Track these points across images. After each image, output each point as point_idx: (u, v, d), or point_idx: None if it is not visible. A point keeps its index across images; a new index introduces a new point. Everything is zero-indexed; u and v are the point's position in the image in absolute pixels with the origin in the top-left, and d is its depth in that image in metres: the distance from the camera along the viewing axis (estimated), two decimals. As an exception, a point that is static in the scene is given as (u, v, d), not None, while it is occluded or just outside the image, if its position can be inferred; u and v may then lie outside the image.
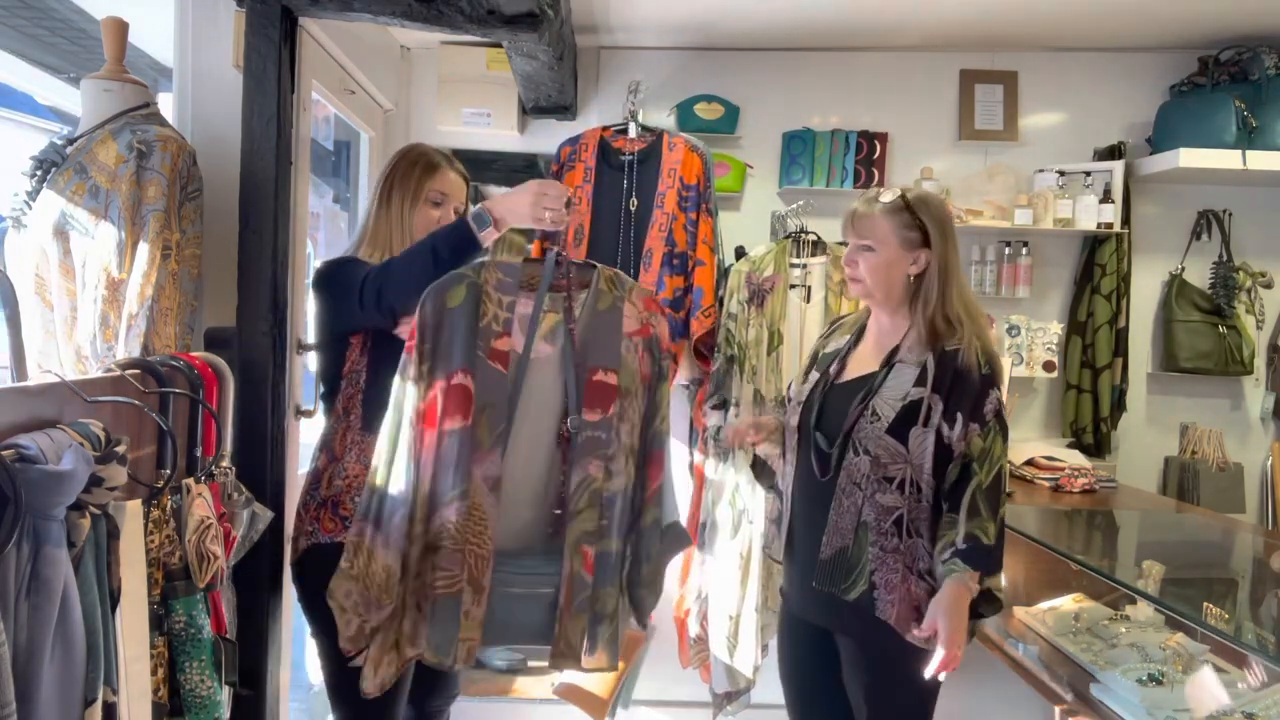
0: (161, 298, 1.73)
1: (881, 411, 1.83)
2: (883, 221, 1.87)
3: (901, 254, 1.86)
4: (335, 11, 2.09)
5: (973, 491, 1.74)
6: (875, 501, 1.82)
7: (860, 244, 1.89)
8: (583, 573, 1.74)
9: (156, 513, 1.46)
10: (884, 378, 1.87)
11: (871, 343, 1.97)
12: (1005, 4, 3.11)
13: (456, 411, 1.69)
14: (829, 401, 1.93)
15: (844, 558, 1.83)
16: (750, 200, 3.65)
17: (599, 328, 1.80)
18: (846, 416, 1.86)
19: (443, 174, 2.04)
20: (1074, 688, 2.08)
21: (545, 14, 2.29)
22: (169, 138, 1.79)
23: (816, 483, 1.89)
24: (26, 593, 1.07)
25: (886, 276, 1.88)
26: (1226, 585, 2.20)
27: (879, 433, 1.82)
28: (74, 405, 1.29)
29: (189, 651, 1.50)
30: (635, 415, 1.82)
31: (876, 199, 1.90)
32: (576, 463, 1.75)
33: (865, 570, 1.81)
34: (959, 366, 1.81)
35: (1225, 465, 3.51)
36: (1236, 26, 3.30)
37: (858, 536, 1.82)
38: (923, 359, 1.84)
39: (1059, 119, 3.66)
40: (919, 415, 1.80)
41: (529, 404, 1.77)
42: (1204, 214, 3.60)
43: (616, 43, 3.57)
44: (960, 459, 1.78)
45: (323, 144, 3.56)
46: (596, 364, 1.78)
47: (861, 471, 1.83)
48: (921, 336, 1.85)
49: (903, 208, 1.87)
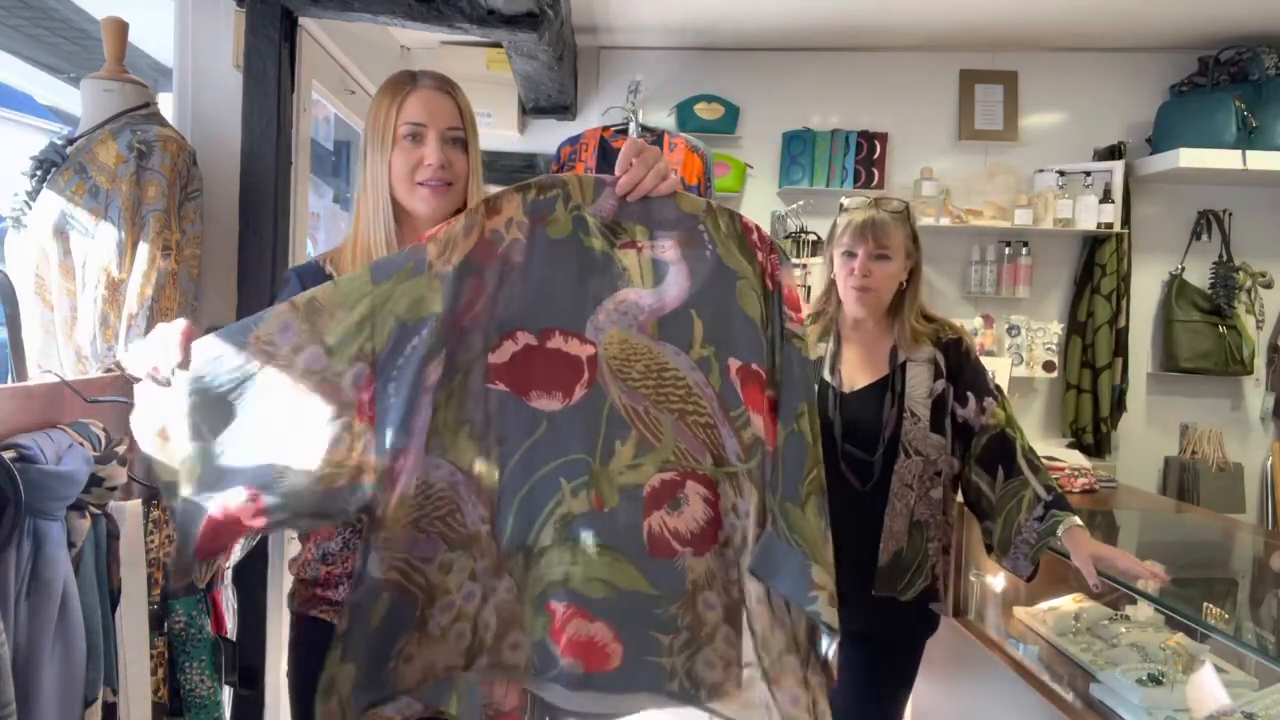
0: (161, 298, 1.73)
1: (918, 411, 1.87)
2: (896, 231, 1.88)
3: (905, 263, 1.91)
4: (335, 11, 2.09)
5: (1022, 451, 1.83)
6: (929, 499, 1.87)
7: (878, 253, 1.87)
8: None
9: (156, 513, 1.46)
10: (901, 379, 1.89)
11: (861, 349, 1.96)
12: (1005, 4, 3.11)
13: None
14: (846, 412, 1.90)
15: (899, 560, 1.85)
16: (750, 200, 3.66)
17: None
18: (882, 423, 1.86)
19: (413, 97, 1.43)
20: (1074, 688, 2.09)
21: (545, 14, 2.29)
22: (169, 138, 1.79)
23: (855, 493, 1.86)
24: (26, 593, 1.07)
25: (893, 285, 1.91)
26: (1226, 585, 2.20)
27: (925, 432, 1.86)
28: (74, 405, 1.29)
29: (189, 651, 1.50)
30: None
31: (888, 208, 1.90)
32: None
33: (925, 567, 1.86)
34: (961, 352, 1.91)
35: (1225, 465, 3.51)
36: (1236, 26, 3.30)
37: (911, 537, 1.85)
38: (930, 354, 1.90)
39: (1059, 119, 3.66)
40: (945, 406, 1.88)
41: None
42: (1204, 214, 3.60)
43: (616, 43, 3.57)
44: (990, 430, 1.85)
45: (323, 144, 3.55)
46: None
47: (913, 473, 1.86)
48: (912, 336, 1.91)
49: (907, 217, 1.91)
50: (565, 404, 1.24)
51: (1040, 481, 1.79)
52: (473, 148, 1.46)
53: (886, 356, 1.92)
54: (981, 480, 1.85)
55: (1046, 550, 1.76)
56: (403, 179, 1.41)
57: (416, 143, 1.41)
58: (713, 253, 1.28)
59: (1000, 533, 1.82)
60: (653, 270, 1.28)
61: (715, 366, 1.27)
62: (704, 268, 1.28)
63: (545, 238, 1.26)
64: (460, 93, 1.47)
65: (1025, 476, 1.80)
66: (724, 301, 1.28)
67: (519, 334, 1.25)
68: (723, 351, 1.27)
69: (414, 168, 1.41)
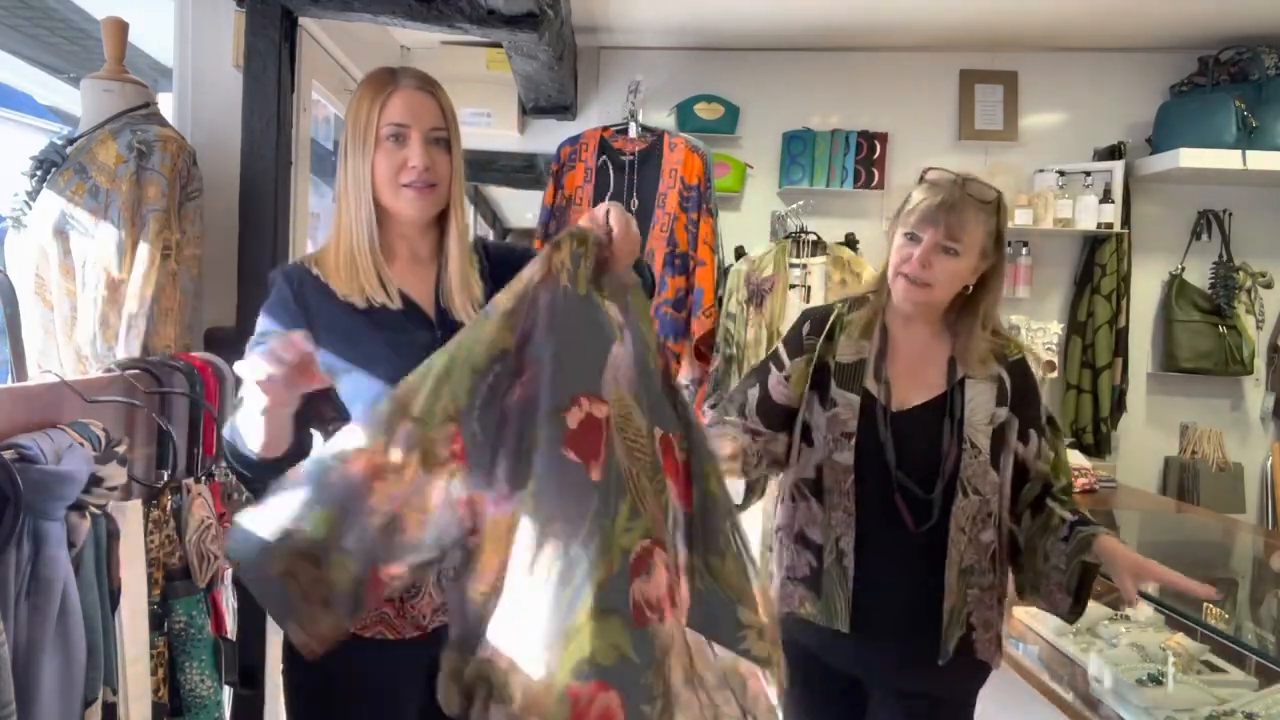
0: (161, 298, 1.73)
1: (978, 442, 1.56)
2: (976, 223, 1.54)
3: (977, 263, 1.57)
4: (335, 11, 2.09)
5: (1058, 491, 1.60)
6: (978, 542, 1.57)
7: (946, 244, 1.53)
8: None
9: (156, 513, 1.46)
10: (960, 400, 1.58)
11: (910, 357, 1.64)
12: (1005, 4, 3.11)
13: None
14: (899, 436, 1.58)
15: (953, 619, 1.56)
16: (750, 200, 3.66)
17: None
18: (942, 454, 1.56)
19: (395, 97, 1.39)
20: (1074, 688, 2.09)
21: (545, 14, 2.29)
22: (169, 138, 1.79)
23: (906, 535, 1.56)
24: (26, 593, 1.07)
25: (954, 287, 1.58)
26: (1226, 585, 2.20)
27: (985, 467, 1.55)
28: (74, 405, 1.29)
29: (189, 651, 1.50)
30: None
31: (975, 192, 1.55)
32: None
33: (962, 619, 1.58)
34: (1028, 378, 1.62)
35: (1225, 465, 3.51)
36: (1236, 26, 3.30)
37: (959, 587, 1.56)
38: (995, 373, 1.59)
39: (1059, 119, 3.66)
40: (1005, 440, 1.58)
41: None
42: (1204, 214, 3.60)
43: (616, 43, 3.57)
44: (1041, 477, 1.60)
45: (323, 144, 3.55)
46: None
47: (968, 514, 1.56)
48: (979, 350, 1.60)
49: (995, 211, 1.56)
50: (604, 475, 1.18)
51: (1066, 508, 1.56)
52: (455, 147, 1.44)
53: (943, 370, 1.61)
54: (1015, 525, 1.60)
55: (1082, 570, 1.48)
56: (387, 181, 1.38)
57: (400, 144, 1.38)
58: (635, 321, 1.29)
59: (1028, 567, 1.58)
60: (618, 331, 1.27)
61: (653, 433, 1.26)
62: (633, 335, 1.28)
63: (574, 292, 1.24)
64: (442, 91, 1.44)
65: (1050, 507, 1.56)
66: (649, 369, 1.28)
67: (583, 399, 1.19)
68: (653, 420, 1.26)
69: (398, 170, 1.38)
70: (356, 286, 1.39)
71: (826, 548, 1.60)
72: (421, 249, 1.47)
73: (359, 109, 1.40)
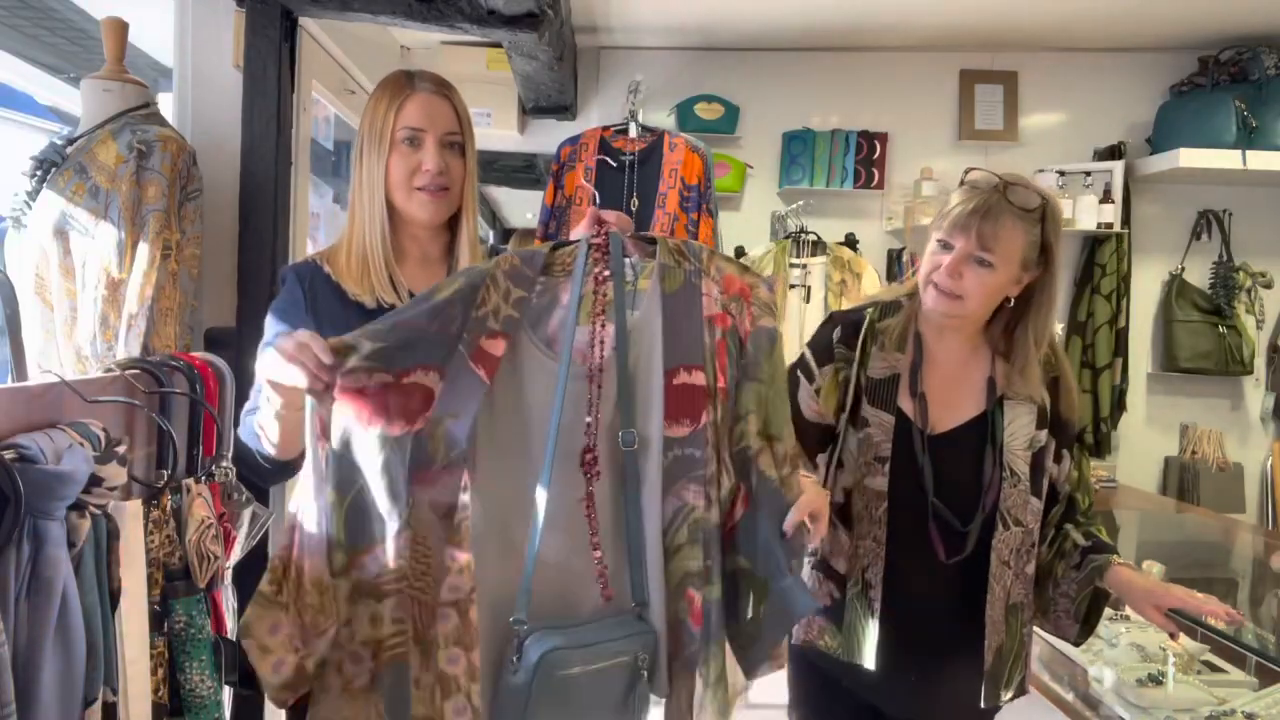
0: (161, 298, 1.73)
1: (1017, 469, 1.46)
2: (1016, 233, 1.39)
3: (1018, 275, 1.44)
4: (335, 11, 2.09)
5: (1081, 513, 1.54)
6: (1024, 575, 1.47)
7: (979, 255, 1.40)
8: (689, 622, 1.26)
9: (157, 513, 1.46)
10: (1000, 424, 1.47)
11: (946, 372, 1.51)
12: (1005, 4, 3.12)
13: (400, 415, 1.18)
14: (937, 461, 1.46)
15: (1001, 657, 1.46)
16: (750, 200, 3.66)
17: (671, 315, 1.28)
18: (983, 484, 1.44)
19: (411, 101, 1.39)
20: (1074, 688, 2.09)
21: (545, 14, 2.29)
22: (169, 138, 1.79)
23: (936, 565, 1.45)
24: (26, 593, 1.07)
25: (989, 302, 1.46)
26: (1226, 585, 2.20)
27: (1026, 495, 1.46)
28: (74, 405, 1.29)
29: (189, 651, 1.50)
30: (725, 427, 1.30)
31: (1017, 199, 1.40)
32: (669, 490, 1.26)
33: (1023, 656, 1.49)
34: (1064, 395, 1.53)
35: (1225, 465, 3.52)
36: (1236, 26, 3.30)
37: (1009, 624, 1.46)
38: (1036, 393, 1.50)
39: (1059, 119, 3.66)
40: (1042, 466, 1.48)
41: (534, 421, 1.24)
42: (1204, 214, 3.60)
43: (616, 43, 3.57)
44: (1066, 500, 1.53)
45: (323, 144, 3.55)
46: (676, 362, 1.26)
47: (1011, 546, 1.45)
48: (1035, 374, 1.49)
49: (1040, 219, 1.42)
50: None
51: (1080, 531, 1.49)
52: (469, 152, 1.45)
53: (981, 388, 1.49)
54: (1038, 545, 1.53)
55: (1093, 598, 1.45)
56: (400, 184, 1.39)
57: (414, 147, 1.39)
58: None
59: (1040, 592, 1.52)
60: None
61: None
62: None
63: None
64: (457, 95, 1.45)
65: (1065, 530, 1.50)
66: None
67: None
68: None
69: (412, 173, 1.39)
70: (367, 286, 1.40)
71: (851, 578, 1.48)
72: (432, 250, 1.48)
73: (375, 111, 1.41)
